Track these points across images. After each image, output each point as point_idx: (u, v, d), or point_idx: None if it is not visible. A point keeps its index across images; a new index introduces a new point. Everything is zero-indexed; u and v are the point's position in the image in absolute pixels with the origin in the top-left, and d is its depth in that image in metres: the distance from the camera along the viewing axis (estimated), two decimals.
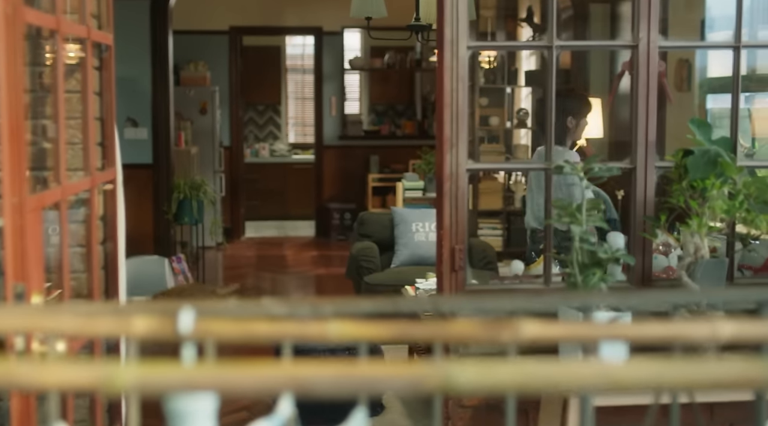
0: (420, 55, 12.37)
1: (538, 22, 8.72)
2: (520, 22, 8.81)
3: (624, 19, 8.24)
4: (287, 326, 1.18)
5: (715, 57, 6.76)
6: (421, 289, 5.63)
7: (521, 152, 8.52)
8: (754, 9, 7.10)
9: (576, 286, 2.44)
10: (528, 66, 9.72)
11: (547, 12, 8.76)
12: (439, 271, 2.73)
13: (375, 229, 7.22)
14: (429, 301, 1.36)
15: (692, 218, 2.43)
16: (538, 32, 8.79)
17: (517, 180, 8.66)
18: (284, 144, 13.86)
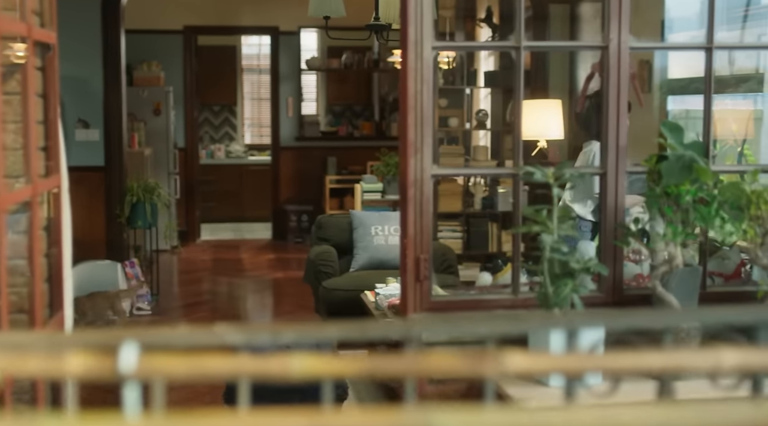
0: (378, 55, 12.25)
1: (497, 22, 8.64)
2: (479, 22, 8.73)
3: (584, 21, 8.20)
4: (244, 361, 1.06)
5: (675, 58, 6.73)
6: (381, 294, 5.51)
7: (481, 154, 8.43)
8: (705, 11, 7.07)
9: (547, 297, 2.33)
10: (487, 67, 9.64)
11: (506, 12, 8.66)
12: (403, 281, 2.61)
13: (333, 232, 7.09)
14: (401, 326, 1.23)
15: (667, 226, 2.33)
16: (497, 33, 8.71)
17: (476, 182, 8.57)
18: (240, 145, 13.67)
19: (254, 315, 8.03)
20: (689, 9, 7.16)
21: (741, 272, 3.01)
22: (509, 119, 8.54)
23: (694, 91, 6.71)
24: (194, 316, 7.62)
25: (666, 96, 6.70)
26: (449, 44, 2.34)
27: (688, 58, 6.65)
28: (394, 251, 6.83)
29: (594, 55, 7.91)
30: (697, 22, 7.07)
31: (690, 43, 5.15)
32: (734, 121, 6.03)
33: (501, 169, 2.46)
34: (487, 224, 8.38)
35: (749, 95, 6.31)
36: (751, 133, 5.93)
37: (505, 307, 2.64)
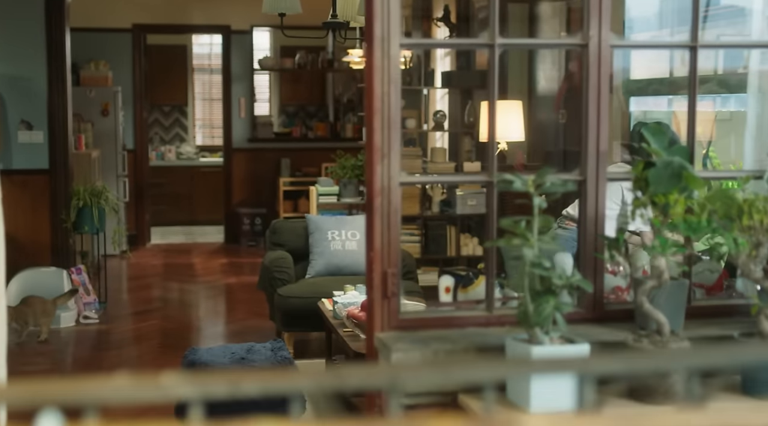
0: (332, 54, 12.03)
1: (455, 21, 8.48)
2: (436, 21, 8.56)
3: (542, 20, 8.06)
4: None
5: (637, 59, 6.62)
6: (339, 302, 5.31)
7: (439, 156, 8.26)
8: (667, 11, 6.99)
9: (527, 315, 2.15)
10: (443, 67, 9.48)
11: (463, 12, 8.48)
12: (369, 298, 2.41)
13: (288, 237, 6.87)
14: (385, 375, 1.03)
15: (656, 238, 2.16)
16: (454, 32, 8.55)
17: (434, 185, 8.40)
18: (191, 146, 13.38)
19: (206, 323, 7.78)
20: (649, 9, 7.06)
21: (723, 284, 2.86)
22: (468, 120, 8.38)
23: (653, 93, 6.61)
24: (144, 324, 7.35)
25: (628, 97, 6.59)
26: (419, 41, 2.18)
27: (649, 59, 6.55)
28: (351, 257, 6.63)
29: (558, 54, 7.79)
30: (657, 22, 6.98)
31: (673, 41, 4.99)
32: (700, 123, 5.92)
33: (475, 176, 2.31)
34: (446, 228, 8.22)
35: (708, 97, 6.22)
36: (714, 135, 5.83)
37: (479, 324, 2.46)
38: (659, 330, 2.22)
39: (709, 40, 6.53)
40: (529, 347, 2.13)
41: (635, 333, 2.26)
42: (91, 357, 6.47)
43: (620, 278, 2.70)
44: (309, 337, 6.80)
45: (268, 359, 4.79)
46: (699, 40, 2.49)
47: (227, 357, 4.83)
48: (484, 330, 2.45)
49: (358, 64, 9.62)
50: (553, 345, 2.15)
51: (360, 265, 6.66)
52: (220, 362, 4.73)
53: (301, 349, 6.50)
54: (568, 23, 7.56)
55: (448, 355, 2.26)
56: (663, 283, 2.22)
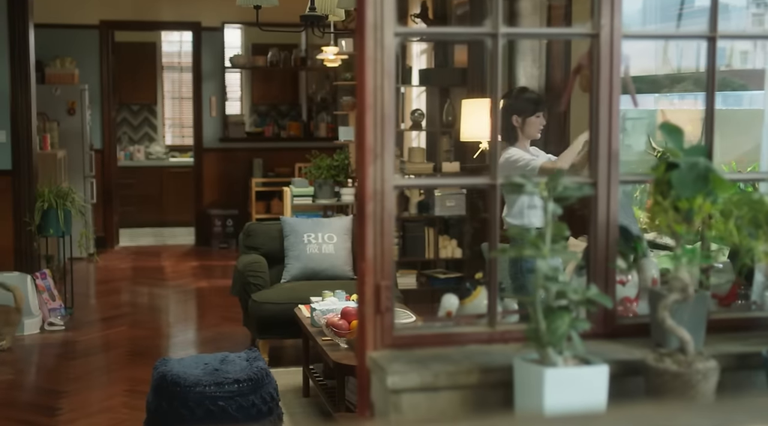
0: (305, 52, 11.80)
1: (432, 18, 8.27)
2: (414, 17, 8.34)
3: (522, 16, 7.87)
4: None
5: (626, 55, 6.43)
6: (317, 310, 5.08)
7: (417, 156, 8.04)
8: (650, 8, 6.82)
9: (539, 334, 1.93)
10: (420, 64, 9.27)
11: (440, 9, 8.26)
12: (360, 313, 2.19)
13: (262, 240, 6.62)
14: None
15: (682, 248, 1.95)
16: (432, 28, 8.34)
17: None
18: (161, 146, 13.09)
19: (177, 329, 7.50)
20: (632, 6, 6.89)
21: (737, 293, 2.66)
22: (446, 119, 8.17)
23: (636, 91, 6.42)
24: (112, 331, 7.08)
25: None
26: (415, 30, 2.01)
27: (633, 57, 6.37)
28: (328, 260, 6.41)
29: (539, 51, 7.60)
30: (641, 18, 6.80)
31: (690, 31, 4.77)
32: (688, 121, 5.76)
33: (475, 179, 2.13)
34: (424, 229, 8.00)
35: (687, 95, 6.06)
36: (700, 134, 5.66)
37: (481, 341, 2.24)
38: (683, 348, 2.01)
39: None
40: (541, 369, 1.91)
41: (655, 351, 2.05)
42: (57, 366, 6.19)
43: (630, 287, 2.49)
44: (284, 344, 6.56)
45: (243, 370, 4.54)
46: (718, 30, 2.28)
47: (200, 368, 4.58)
48: (486, 347, 2.23)
49: (333, 61, 9.39)
50: (568, 366, 1.93)
51: (338, 269, 6.44)
52: (193, 373, 4.48)
53: (277, 357, 6.26)
54: (549, 20, 7.37)
55: (451, 378, 2.04)
56: (688, 297, 2.01)
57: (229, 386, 4.38)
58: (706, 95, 2.33)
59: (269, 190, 11.16)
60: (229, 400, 4.35)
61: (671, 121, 2.25)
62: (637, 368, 2.11)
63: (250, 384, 4.42)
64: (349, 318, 4.66)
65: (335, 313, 4.86)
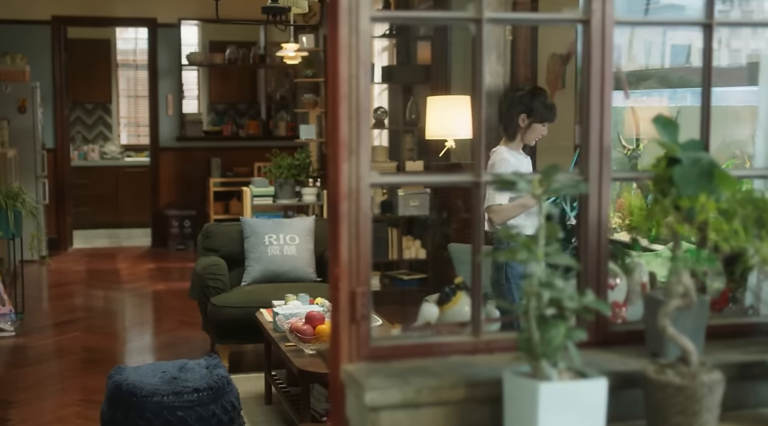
0: (264, 49, 11.57)
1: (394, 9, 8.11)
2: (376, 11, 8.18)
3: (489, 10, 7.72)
4: None
5: None
6: (280, 314, 4.88)
7: (380, 155, 7.87)
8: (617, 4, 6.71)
9: (532, 345, 1.77)
10: (382, 61, 9.10)
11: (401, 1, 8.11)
12: (334, 322, 2.01)
13: (222, 242, 6.41)
14: None
15: (686, 251, 1.80)
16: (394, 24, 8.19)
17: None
18: (116, 146, 12.79)
19: (134, 334, 7.26)
20: None
21: (728, 297, 2.52)
22: (409, 117, 8.02)
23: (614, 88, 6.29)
24: (65, 337, 6.82)
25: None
26: (393, 14, 1.87)
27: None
28: (290, 262, 6.22)
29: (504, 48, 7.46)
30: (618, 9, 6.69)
31: (685, 18, 4.63)
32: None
33: (459, 176, 1.99)
34: (387, 230, 7.83)
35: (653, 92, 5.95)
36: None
37: (464, 352, 2.07)
38: (685, 359, 1.85)
39: (649, 36, 6.30)
40: (535, 384, 1.74)
41: (654, 362, 1.90)
42: (6, 374, 5.92)
43: (618, 291, 2.34)
44: (244, 349, 6.35)
45: (203, 378, 4.34)
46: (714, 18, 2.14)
47: (157, 376, 4.37)
48: (470, 359, 2.06)
49: (293, 58, 9.20)
50: (564, 381, 1.77)
51: (300, 271, 6.25)
52: (150, 382, 4.27)
53: (237, 362, 6.05)
54: None
55: (434, 393, 1.87)
56: (690, 304, 1.86)
57: (189, 395, 4.18)
58: (702, 87, 2.19)
59: (228, 190, 10.94)
60: (189, 410, 4.14)
61: (665, 114, 2.10)
62: (634, 380, 1.95)
63: (210, 393, 4.22)
64: (313, 323, 4.47)
65: (299, 318, 4.68)
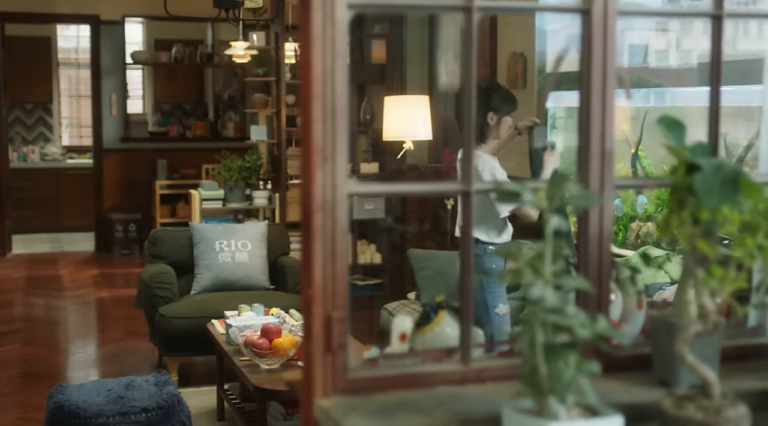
0: (212, 48, 11.26)
1: None
2: None
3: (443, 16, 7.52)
4: None
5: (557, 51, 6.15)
6: (234, 326, 4.61)
7: None
8: None
9: (537, 378, 1.55)
10: None
11: None
12: (307, 351, 1.77)
13: (170, 248, 6.12)
14: None
15: (712, 269, 1.59)
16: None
17: None
18: (57, 147, 12.37)
19: (77, 346, 6.91)
20: None
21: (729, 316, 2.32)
22: (364, 118, 7.79)
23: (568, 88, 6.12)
24: (3, 349, 6.46)
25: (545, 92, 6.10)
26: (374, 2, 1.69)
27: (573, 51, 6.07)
28: (242, 270, 5.95)
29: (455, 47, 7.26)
30: None
31: (694, 9, 4.41)
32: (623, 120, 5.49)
33: (448, 184, 1.78)
34: None
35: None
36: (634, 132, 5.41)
37: (453, 382, 1.84)
38: (707, 391, 1.64)
39: None
40: (542, 424, 1.52)
41: (670, 394, 1.68)
42: None
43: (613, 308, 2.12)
44: (194, 361, 6.06)
45: (151, 397, 4.06)
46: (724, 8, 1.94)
47: (102, 395, 4.08)
48: (459, 390, 1.83)
49: (242, 57, 8.90)
50: (574, 420, 1.54)
51: (253, 278, 5.99)
52: (94, 402, 3.98)
53: (186, 375, 5.77)
54: None
55: None
56: (712, 330, 1.65)
57: (136, 416, 3.90)
58: (711, 84, 1.98)
59: (174, 192, 10.62)
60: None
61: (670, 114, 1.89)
62: (645, 414, 1.74)
63: (159, 413, 3.95)
64: (269, 336, 4.21)
65: (254, 330, 4.42)
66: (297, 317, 5.03)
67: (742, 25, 5.62)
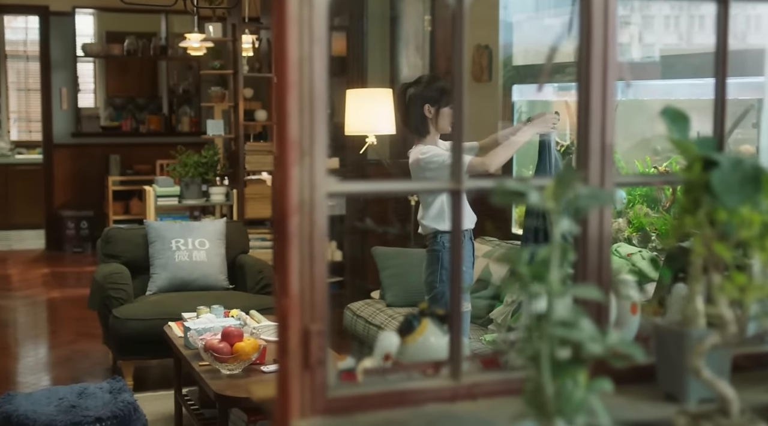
0: (165, 40, 10.99)
1: None
2: None
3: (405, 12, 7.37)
4: None
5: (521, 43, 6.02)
6: (192, 329, 4.42)
7: None
8: None
9: (542, 398, 1.39)
10: None
11: None
12: (282, 368, 1.60)
13: (124, 247, 5.89)
14: None
15: (732, 276, 1.44)
16: None
17: None
18: (5, 142, 12.02)
19: (26, 349, 6.65)
20: None
21: None
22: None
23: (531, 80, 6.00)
24: None
25: (510, 85, 5.97)
26: None
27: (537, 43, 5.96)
28: (200, 269, 5.75)
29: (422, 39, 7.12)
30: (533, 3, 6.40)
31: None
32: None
33: (436, 183, 1.65)
34: None
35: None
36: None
37: (443, 399, 1.68)
38: (724, 408, 1.50)
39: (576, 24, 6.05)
40: None
41: (684, 413, 1.54)
42: None
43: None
44: (150, 364, 5.84)
45: (106, 405, 3.86)
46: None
47: (53, 404, 3.87)
48: (450, 408, 1.67)
49: (197, 50, 8.68)
50: None
51: (211, 278, 5.79)
52: (45, 412, 3.77)
53: (142, 379, 5.55)
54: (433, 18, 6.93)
55: None
56: (731, 342, 1.50)
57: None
58: (716, 74, 1.84)
59: (128, 189, 10.37)
60: None
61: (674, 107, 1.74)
62: None
63: (114, 422, 3.75)
64: (230, 340, 4.02)
65: (213, 333, 4.22)
66: (258, 319, 4.85)
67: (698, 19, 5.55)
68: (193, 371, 4.21)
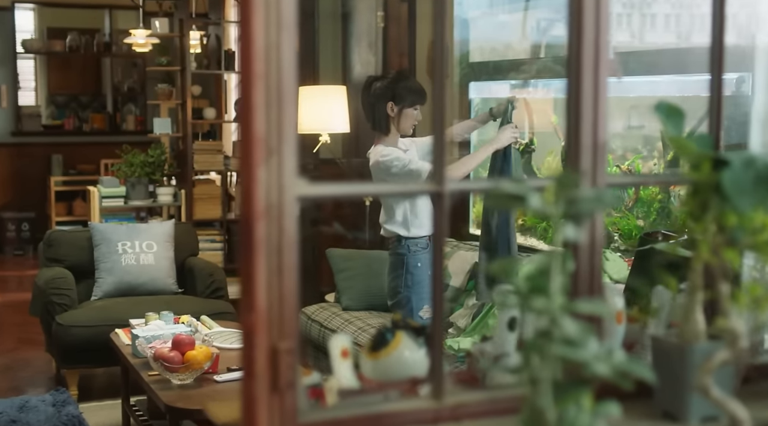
0: (109, 37, 10.70)
1: None
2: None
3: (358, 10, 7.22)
4: None
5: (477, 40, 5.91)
6: (140, 337, 4.22)
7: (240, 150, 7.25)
8: None
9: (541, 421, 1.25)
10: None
11: None
12: (247, 390, 1.44)
13: (68, 251, 5.66)
14: None
15: (750, 287, 1.31)
16: None
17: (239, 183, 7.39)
18: None
19: None
20: None
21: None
22: None
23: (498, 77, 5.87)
24: None
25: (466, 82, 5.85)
26: None
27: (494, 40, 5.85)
28: (147, 273, 5.54)
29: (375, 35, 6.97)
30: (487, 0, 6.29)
31: None
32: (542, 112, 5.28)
33: (417, 186, 1.53)
34: None
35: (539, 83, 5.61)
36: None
37: (424, 422, 1.53)
38: None
39: (533, 23, 5.97)
40: None
41: None
42: None
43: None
44: (96, 371, 5.62)
45: (49, 419, 3.65)
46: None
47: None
48: None
49: (143, 46, 8.43)
50: None
51: (159, 282, 5.58)
52: None
53: (87, 387, 5.32)
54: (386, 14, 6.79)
55: None
56: (740, 358, 1.38)
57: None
58: (711, 70, 1.72)
59: (71, 189, 10.07)
60: None
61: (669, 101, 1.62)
62: None
63: None
64: (182, 348, 3.83)
65: (163, 341, 4.03)
66: (210, 325, 4.66)
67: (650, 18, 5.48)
68: (142, 381, 4.01)
